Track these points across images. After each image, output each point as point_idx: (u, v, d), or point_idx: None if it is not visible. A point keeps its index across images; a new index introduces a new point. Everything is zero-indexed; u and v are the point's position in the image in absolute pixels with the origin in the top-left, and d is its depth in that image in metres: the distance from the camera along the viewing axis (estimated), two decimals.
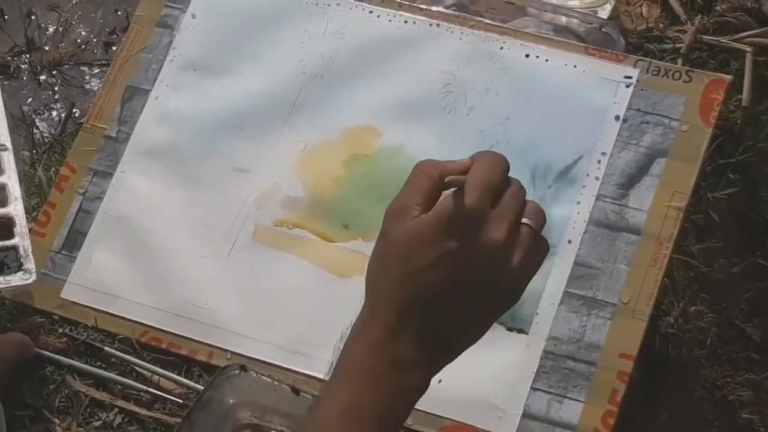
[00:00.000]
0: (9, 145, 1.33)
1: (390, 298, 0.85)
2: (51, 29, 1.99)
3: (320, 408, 0.85)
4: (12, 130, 1.39)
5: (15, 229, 1.29)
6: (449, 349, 0.88)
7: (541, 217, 0.87)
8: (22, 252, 1.27)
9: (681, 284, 1.40)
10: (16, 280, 1.26)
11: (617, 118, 1.29)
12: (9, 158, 1.33)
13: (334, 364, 0.87)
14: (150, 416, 1.28)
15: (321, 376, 1.25)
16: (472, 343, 0.89)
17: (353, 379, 0.85)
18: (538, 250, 0.87)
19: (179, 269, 1.33)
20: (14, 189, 1.31)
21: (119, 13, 1.97)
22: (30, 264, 1.27)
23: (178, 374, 1.29)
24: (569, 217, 1.26)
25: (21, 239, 1.28)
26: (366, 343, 0.85)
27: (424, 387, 0.87)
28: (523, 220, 0.85)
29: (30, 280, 1.27)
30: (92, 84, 1.93)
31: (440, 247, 0.83)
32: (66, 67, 1.96)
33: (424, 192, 0.86)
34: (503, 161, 0.88)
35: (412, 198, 0.86)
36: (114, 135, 1.41)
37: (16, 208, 1.30)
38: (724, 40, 1.45)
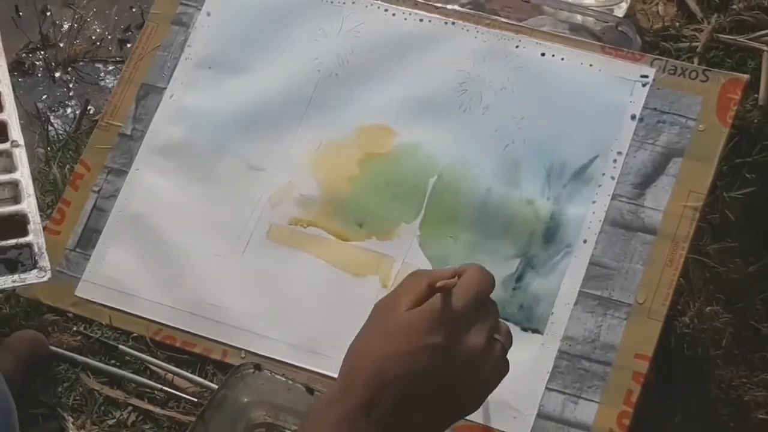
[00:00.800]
0: (21, 141, 1.32)
1: (369, 375, 0.91)
2: (66, 26, 1.99)
3: None
4: (27, 127, 1.39)
5: (29, 226, 1.28)
6: None
7: (510, 339, 0.96)
8: (36, 249, 1.26)
9: (697, 284, 1.39)
10: (31, 278, 1.25)
11: (633, 117, 1.29)
12: (22, 155, 1.32)
13: (306, 426, 0.94)
14: (164, 415, 1.28)
15: (334, 376, 1.24)
16: None
17: None
18: (504, 367, 0.95)
19: (194, 267, 1.33)
20: (27, 185, 1.30)
21: (134, 10, 1.97)
22: (45, 262, 1.26)
23: (192, 373, 1.29)
24: (584, 216, 1.26)
25: (35, 237, 1.27)
26: (338, 411, 0.90)
27: None
28: (496, 336, 0.94)
29: (45, 278, 1.26)
30: (107, 81, 1.92)
31: (426, 339, 0.90)
32: (81, 64, 1.96)
33: (415, 293, 0.93)
34: (492, 277, 0.95)
35: (404, 296, 0.93)
36: (129, 133, 1.41)
37: (29, 205, 1.29)
38: (740, 39, 1.45)
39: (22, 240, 1.27)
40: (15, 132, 1.33)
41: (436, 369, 0.90)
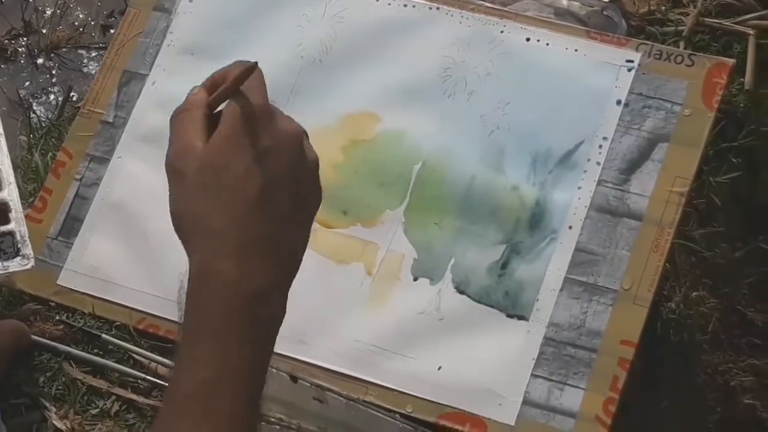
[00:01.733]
0: (1, 130, 1.31)
1: (223, 225, 0.77)
2: (48, 12, 1.98)
3: (181, 377, 0.76)
4: (9, 114, 1.38)
5: (10, 214, 1.27)
6: (292, 259, 0.81)
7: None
8: (18, 237, 1.25)
9: (683, 269, 1.39)
10: (14, 265, 1.25)
11: (619, 102, 1.28)
12: (2, 143, 1.31)
13: (182, 322, 0.79)
14: (147, 404, 1.27)
15: (320, 364, 1.24)
16: (304, 248, 0.82)
17: (214, 339, 0.76)
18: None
19: (177, 256, 1.31)
20: (8, 174, 1.29)
21: None
22: (28, 249, 1.25)
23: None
24: (570, 202, 1.25)
25: (17, 225, 1.26)
26: (217, 289, 0.77)
27: (283, 314, 0.80)
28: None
29: (28, 266, 1.25)
30: (90, 67, 1.92)
31: (251, 151, 0.77)
32: (63, 50, 1.95)
33: (198, 123, 0.80)
34: (254, 67, 0.82)
35: (188, 136, 0.80)
36: (111, 120, 1.40)
37: (11, 193, 1.28)
38: (726, 23, 1.44)
39: (3, 228, 1.26)
40: None
41: (276, 173, 0.78)
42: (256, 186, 0.77)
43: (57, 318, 1.33)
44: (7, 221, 1.26)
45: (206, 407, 0.74)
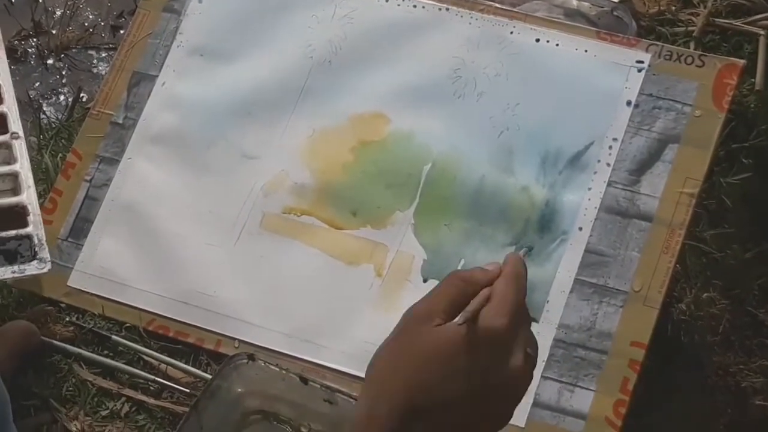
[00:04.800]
0: (21, 133, 1.32)
1: (397, 401, 0.81)
2: (58, 13, 1.97)
3: None
4: (20, 115, 1.37)
5: (29, 218, 1.27)
6: None
7: (537, 348, 0.83)
8: (36, 241, 1.26)
9: (693, 270, 1.39)
10: (31, 269, 1.25)
11: (629, 103, 1.28)
12: (21, 146, 1.32)
13: None
14: (157, 405, 1.27)
15: (329, 365, 1.24)
16: None
17: None
18: (530, 380, 0.84)
19: (186, 257, 1.33)
20: (27, 177, 1.30)
21: None
22: (45, 253, 1.25)
23: (185, 363, 1.28)
24: (580, 203, 1.25)
25: (35, 228, 1.27)
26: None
27: None
28: (529, 350, 0.82)
29: (45, 269, 1.25)
30: (100, 68, 1.91)
31: (461, 363, 0.79)
32: (73, 51, 1.95)
33: (451, 301, 0.82)
34: (525, 275, 0.84)
35: (439, 304, 0.82)
36: (120, 121, 1.40)
37: (29, 197, 1.29)
38: (737, 23, 1.44)
39: (21, 231, 1.26)
40: (15, 124, 1.33)
41: (475, 394, 0.80)
42: (447, 396, 0.79)
43: (67, 319, 1.33)
44: (25, 224, 1.26)
45: None
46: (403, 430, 0.80)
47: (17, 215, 1.27)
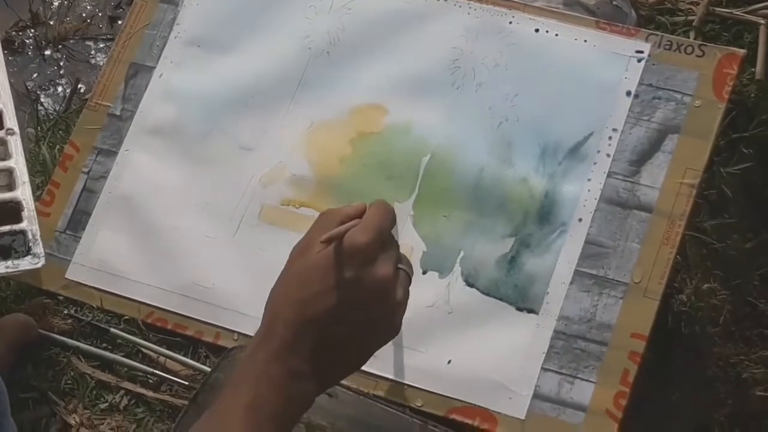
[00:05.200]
0: (17, 129, 1.34)
1: (288, 317, 0.97)
2: (56, 3, 1.97)
3: (225, 402, 0.96)
4: (17, 106, 1.38)
5: (23, 213, 1.29)
6: (336, 369, 1.00)
7: (412, 268, 1.02)
8: (30, 236, 1.28)
9: (694, 261, 1.39)
10: (25, 264, 1.27)
11: (629, 93, 1.27)
12: (17, 142, 1.33)
13: (235, 371, 0.99)
14: (156, 398, 1.27)
15: None
16: (357, 369, 1.01)
17: (256, 381, 0.95)
18: (408, 294, 1.01)
19: (185, 249, 1.32)
20: (22, 173, 1.32)
21: None
22: (38, 248, 1.27)
23: (184, 356, 1.28)
24: (580, 194, 1.25)
25: (29, 223, 1.29)
26: (266, 353, 0.96)
27: (313, 398, 0.98)
28: (400, 266, 1.00)
29: (39, 265, 1.27)
30: (98, 59, 1.91)
31: (336, 276, 0.96)
32: (71, 42, 1.94)
33: (324, 233, 0.98)
34: (393, 212, 1.03)
35: (314, 238, 0.99)
36: (118, 113, 1.40)
37: (24, 192, 1.30)
38: (737, 12, 1.44)
39: (15, 227, 1.28)
40: (10, 120, 1.34)
41: (349, 302, 0.96)
42: (327, 305, 0.96)
43: (65, 312, 1.33)
44: (19, 220, 1.28)
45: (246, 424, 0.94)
46: (297, 338, 0.96)
47: (11, 211, 1.29)
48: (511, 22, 1.33)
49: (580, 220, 1.24)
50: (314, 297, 0.97)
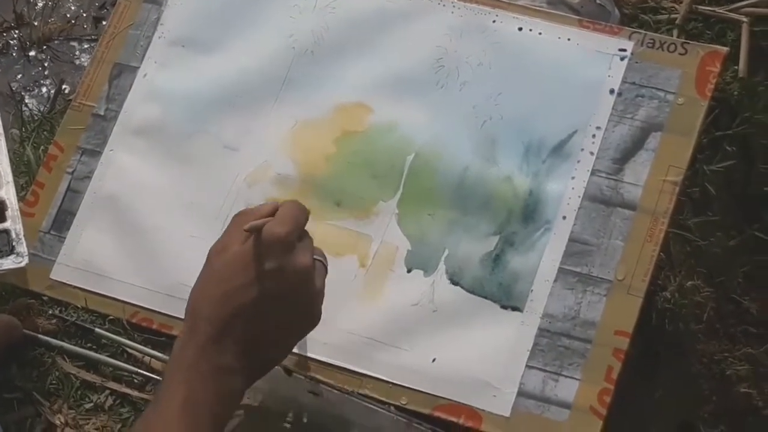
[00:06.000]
0: (1, 129, 1.34)
1: (210, 314, 1.01)
2: (40, 4, 1.97)
3: (160, 402, 0.99)
4: (1, 107, 1.38)
5: (7, 212, 1.29)
6: (263, 361, 1.04)
7: (326, 259, 1.09)
8: (14, 235, 1.28)
9: (677, 258, 1.39)
10: (8, 263, 1.27)
11: (612, 91, 1.27)
12: (1, 143, 1.34)
13: (167, 369, 1.03)
14: (141, 398, 1.27)
15: (315, 357, 1.24)
16: (282, 358, 1.07)
17: (187, 378, 0.99)
18: (324, 284, 1.07)
19: (170, 249, 1.32)
20: (6, 173, 1.32)
21: None
22: (22, 247, 1.27)
23: (169, 355, 1.27)
24: (563, 192, 1.25)
25: (13, 223, 1.29)
26: (193, 349, 1.00)
27: (243, 391, 1.02)
28: (316, 256, 1.06)
29: (22, 264, 1.27)
30: (82, 59, 1.91)
31: (256, 269, 1.01)
32: (56, 42, 1.94)
33: (240, 233, 1.03)
34: (306, 209, 1.08)
35: (231, 236, 1.04)
36: (102, 113, 1.40)
37: (7, 192, 1.31)
38: (720, 10, 1.44)
39: None
40: None
41: (270, 293, 1.01)
42: (250, 296, 1.00)
43: (50, 312, 1.32)
44: (3, 219, 1.29)
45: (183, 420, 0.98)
46: (222, 334, 1.00)
47: None
48: (494, 21, 1.33)
49: (564, 218, 1.24)
50: (237, 290, 1.01)
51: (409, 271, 1.26)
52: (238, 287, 1.01)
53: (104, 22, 1.93)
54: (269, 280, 1.01)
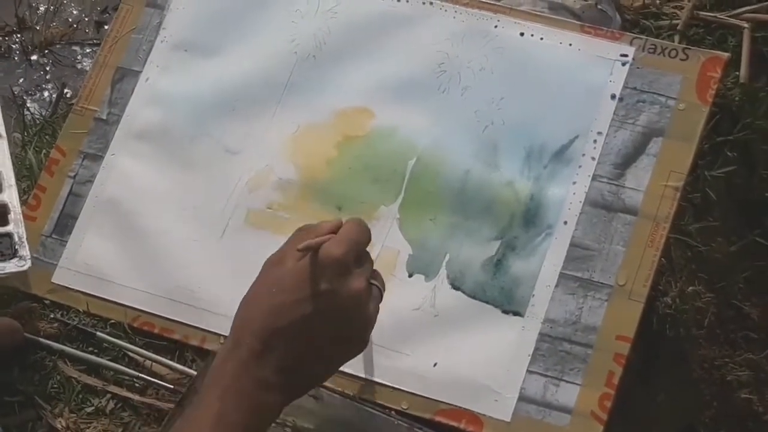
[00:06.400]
0: (3, 133, 1.35)
1: (257, 327, 0.99)
2: (42, 8, 1.97)
3: (194, 412, 0.98)
4: (3, 111, 1.38)
5: (9, 216, 1.29)
6: (304, 381, 1.03)
7: (384, 284, 1.06)
8: (16, 239, 1.28)
9: (678, 264, 1.39)
10: (11, 266, 1.27)
11: (613, 96, 1.28)
12: (3, 146, 1.34)
13: (205, 380, 1.01)
14: (143, 402, 1.27)
15: None
16: (323, 381, 1.06)
17: (223, 392, 0.98)
18: (378, 310, 1.05)
19: (171, 253, 1.32)
20: (8, 177, 1.32)
21: None
22: (25, 251, 1.28)
23: (170, 359, 1.28)
24: (565, 197, 1.25)
25: (15, 226, 1.29)
26: (234, 363, 0.98)
27: (280, 409, 1.01)
28: (373, 281, 1.04)
29: (25, 267, 1.27)
30: (84, 64, 1.91)
31: (309, 287, 0.99)
32: (58, 46, 1.95)
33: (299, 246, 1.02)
34: (368, 229, 1.06)
35: (290, 250, 1.03)
36: (104, 117, 1.40)
37: (10, 195, 1.31)
38: (721, 16, 1.44)
39: (1, 230, 1.29)
40: None
41: (323, 312, 0.99)
42: (299, 314, 0.99)
43: (52, 316, 1.32)
44: (5, 223, 1.29)
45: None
46: (266, 349, 0.98)
47: None
48: (496, 26, 1.33)
49: (566, 223, 1.25)
50: (287, 306, 0.99)
51: (410, 275, 1.26)
52: (289, 303, 1.00)
53: (106, 27, 1.93)
54: (321, 300, 0.99)
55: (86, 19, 1.96)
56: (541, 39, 1.32)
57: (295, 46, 1.37)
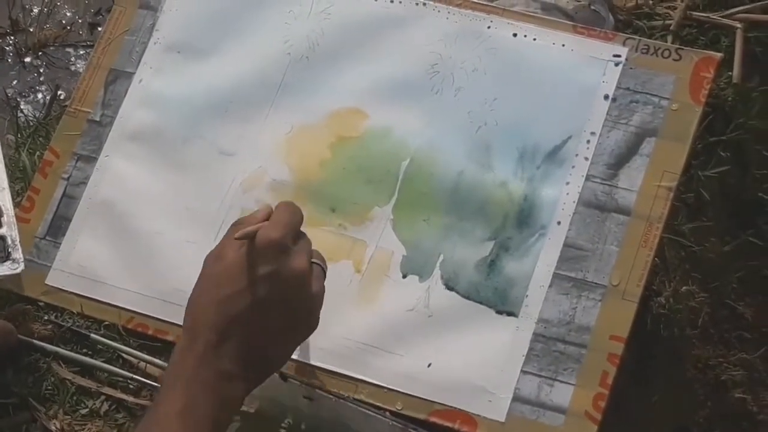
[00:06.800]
0: None
1: (209, 319, 1.02)
2: (36, 10, 1.97)
3: (158, 409, 1.00)
4: None
5: (2, 218, 1.30)
6: (263, 366, 1.05)
7: (325, 262, 1.09)
8: (9, 242, 1.28)
9: (672, 264, 1.39)
10: (4, 270, 1.28)
11: (606, 97, 1.28)
12: None
13: (165, 378, 1.04)
14: (137, 403, 1.27)
15: (310, 362, 1.24)
16: (280, 366, 1.09)
17: (186, 385, 0.99)
18: (324, 289, 1.08)
19: (165, 254, 1.32)
20: (1, 179, 1.33)
21: None
22: (18, 254, 1.28)
23: (165, 361, 1.28)
24: (558, 198, 1.25)
25: (9, 229, 1.30)
26: (193, 357, 1.00)
27: (243, 398, 1.03)
28: (313, 260, 1.06)
29: (18, 270, 1.28)
30: (78, 66, 1.91)
31: (252, 273, 1.01)
32: (51, 48, 1.95)
33: (236, 240, 1.04)
34: (300, 210, 1.09)
35: (227, 245, 1.05)
36: (98, 119, 1.40)
37: (3, 198, 1.31)
38: (714, 17, 1.45)
39: None
40: None
41: (268, 297, 1.01)
42: (248, 302, 1.01)
43: (45, 318, 1.32)
44: None
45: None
46: (222, 339, 1.00)
47: None
48: (489, 27, 1.33)
49: (559, 223, 1.25)
50: (236, 295, 1.02)
51: (404, 276, 1.26)
52: (235, 294, 1.02)
53: (100, 28, 1.93)
54: (265, 285, 1.02)
55: (80, 21, 1.96)
56: (534, 40, 1.32)
57: (289, 48, 1.37)
